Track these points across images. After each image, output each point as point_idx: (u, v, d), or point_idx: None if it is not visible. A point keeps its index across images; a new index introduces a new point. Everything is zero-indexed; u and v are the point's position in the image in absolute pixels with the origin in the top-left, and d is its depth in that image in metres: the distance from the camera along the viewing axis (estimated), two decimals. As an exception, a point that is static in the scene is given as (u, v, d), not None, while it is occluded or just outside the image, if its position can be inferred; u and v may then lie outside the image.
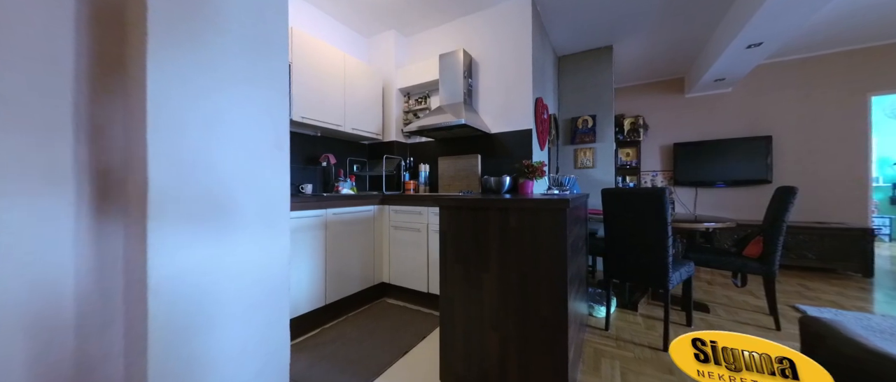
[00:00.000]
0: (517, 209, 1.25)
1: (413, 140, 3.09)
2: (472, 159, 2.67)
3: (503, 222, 1.28)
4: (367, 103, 2.76)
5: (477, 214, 1.35)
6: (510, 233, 1.26)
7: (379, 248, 2.50)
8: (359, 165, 3.05)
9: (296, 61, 2.13)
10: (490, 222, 1.31)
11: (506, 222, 1.27)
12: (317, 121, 2.29)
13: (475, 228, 1.35)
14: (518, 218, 1.25)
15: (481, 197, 1.43)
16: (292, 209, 1.84)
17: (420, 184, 2.85)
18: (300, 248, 1.89)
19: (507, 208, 1.27)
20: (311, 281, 1.96)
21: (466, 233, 1.38)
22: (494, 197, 1.42)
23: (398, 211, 2.43)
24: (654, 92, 4.53)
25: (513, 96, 2.52)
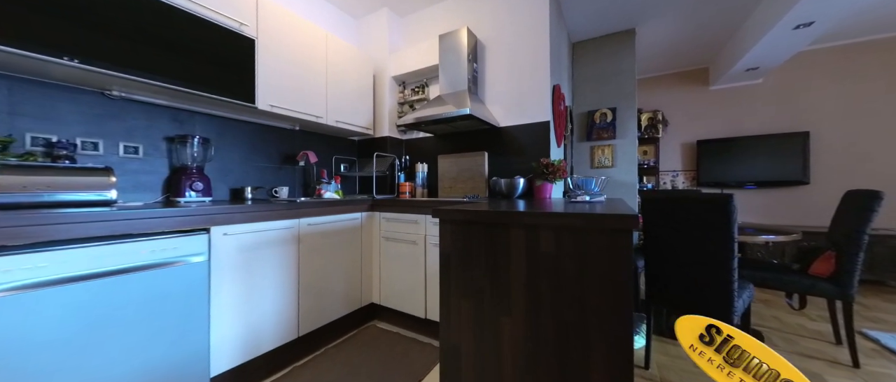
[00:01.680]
0: (555, 227, 0.86)
1: (409, 135, 2.70)
2: (478, 157, 2.28)
3: (532, 244, 0.89)
4: (355, 92, 2.37)
5: (494, 232, 0.96)
6: (544, 262, 0.87)
7: (368, 263, 2.10)
8: (347, 165, 2.66)
9: (262, 37, 1.73)
10: (513, 244, 0.92)
11: (536, 244, 0.88)
12: (291, 111, 1.89)
13: (491, 251, 0.96)
14: (556, 240, 0.85)
15: (499, 210, 1.03)
16: (247, 219, 1.43)
17: (417, 186, 2.46)
18: (261, 269, 1.50)
19: (538, 225, 0.88)
20: (279, 309, 1.57)
21: (478, 258, 0.99)
22: (519, 210, 1.02)
23: (390, 219, 2.03)
24: (674, 84, 4.14)
25: (526, 83, 2.13)
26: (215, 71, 1.53)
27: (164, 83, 1.37)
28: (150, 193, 1.57)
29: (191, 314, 1.24)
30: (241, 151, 1.95)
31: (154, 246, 1.14)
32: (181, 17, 1.41)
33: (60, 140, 1.28)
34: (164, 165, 1.63)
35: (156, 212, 1.14)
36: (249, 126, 1.98)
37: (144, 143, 1.56)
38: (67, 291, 0.96)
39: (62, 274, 0.96)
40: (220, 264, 1.34)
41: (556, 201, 1.59)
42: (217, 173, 1.83)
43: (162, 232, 1.17)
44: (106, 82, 1.34)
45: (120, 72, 1.25)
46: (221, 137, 1.85)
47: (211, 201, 1.67)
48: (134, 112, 1.52)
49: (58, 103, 1.32)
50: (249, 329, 1.44)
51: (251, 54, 1.68)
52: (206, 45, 1.50)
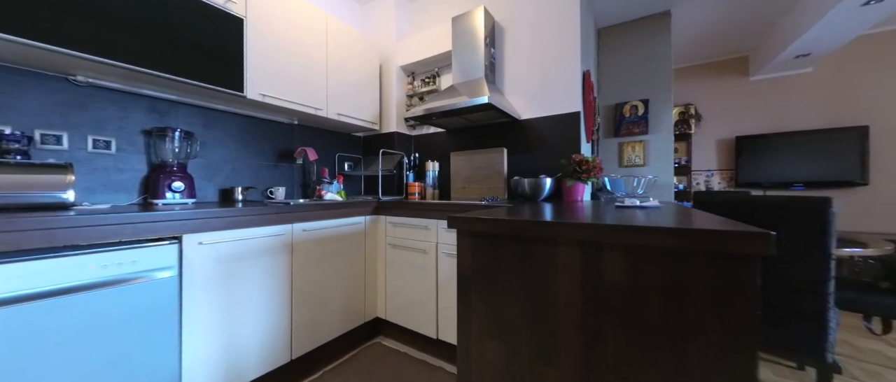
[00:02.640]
0: (630, 246, 0.60)
1: (419, 131, 2.46)
2: (495, 154, 2.02)
3: (592, 269, 0.63)
4: (359, 83, 2.14)
5: (534, 251, 0.71)
6: (609, 295, 0.61)
7: (372, 273, 1.87)
8: (351, 163, 2.44)
9: (252, 16, 1.52)
10: (563, 268, 0.66)
11: (596, 270, 0.63)
12: (285, 101, 1.68)
13: (529, 276, 0.71)
14: (630, 265, 0.60)
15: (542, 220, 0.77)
16: (227, 225, 1.19)
17: (427, 186, 2.22)
18: (246, 284, 1.28)
19: (601, 243, 0.62)
20: (267, 330, 1.35)
21: (510, 285, 0.74)
22: (571, 222, 0.76)
23: (397, 224, 1.80)
24: (708, 75, 3.78)
25: (552, 69, 1.86)
26: (196, 54, 1.33)
27: (133, 66, 1.17)
28: (124, 194, 1.38)
29: (156, 341, 1.03)
30: (232, 147, 1.75)
31: (105, 259, 0.93)
32: (153, -12, 1.20)
33: (13, 132, 1.09)
34: (142, 162, 1.43)
35: (105, 218, 0.93)
36: (240, 119, 1.78)
37: (117, 137, 1.36)
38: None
39: (-22, 297, 0.75)
40: (195, 279, 1.13)
41: (595, 206, 1.32)
42: (203, 171, 1.63)
43: (119, 242, 0.96)
44: (68, 65, 1.15)
45: (81, 51, 1.05)
46: (208, 131, 1.65)
47: (194, 203, 1.46)
48: (104, 101, 1.33)
49: (14, 89, 1.13)
50: (231, 354, 1.23)
51: (239, 36, 1.47)
52: (187, 24, 1.29)
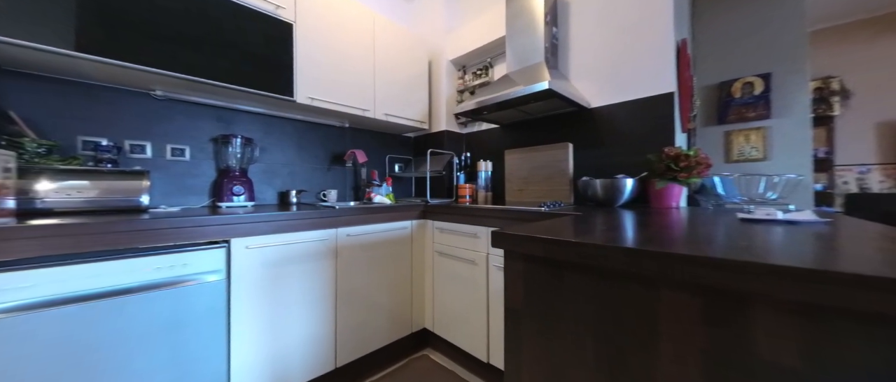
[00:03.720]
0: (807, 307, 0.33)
1: (470, 128, 2.29)
2: (558, 151, 1.73)
3: (726, 336, 0.37)
4: (408, 81, 2.06)
5: (615, 289, 0.47)
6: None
7: (419, 281, 1.76)
8: (402, 164, 2.39)
9: (300, 20, 1.53)
10: (668, 326, 0.42)
11: (734, 336, 0.37)
12: (333, 104, 1.67)
13: (612, 323, 0.48)
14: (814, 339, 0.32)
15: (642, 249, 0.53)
16: (273, 230, 1.17)
17: (479, 188, 2.03)
18: (291, 289, 1.26)
19: (748, 295, 0.36)
20: (313, 336, 1.32)
21: (577, 333, 0.51)
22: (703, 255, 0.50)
23: (445, 230, 1.65)
24: (861, 36, 2.81)
25: (634, 43, 1.50)
26: (250, 62, 1.37)
27: (197, 78, 1.23)
28: (197, 197, 1.50)
29: (205, 343, 1.05)
30: (288, 152, 1.81)
31: (159, 261, 0.96)
32: (212, 2, 1.26)
33: (107, 143, 1.24)
34: (211, 167, 1.55)
35: (158, 222, 0.96)
36: (295, 124, 1.83)
37: (191, 145, 1.49)
38: (62, 314, 0.82)
39: (56, 294, 0.81)
40: (242, 283, 1.14)
41: (704, 218, 0.98)
42: (263, 175, 1.72)
43: (173, 245, 1.00)
44: (148, 81, 1.27)
45: (154, 67, 1.14)
46: (267, 136, 1.73)
47: (253, 206, 1.53)
48: (178, 112, 1.46)
49: (107, 105, 1.29)
50: (277, 359, 1.22)
51: (289, 41, 1.48)
52: (239, 33, 1.34)
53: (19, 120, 1.09)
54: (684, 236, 0.59)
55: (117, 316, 0.89)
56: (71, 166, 1.11)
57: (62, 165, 1.10)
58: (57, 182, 1.04)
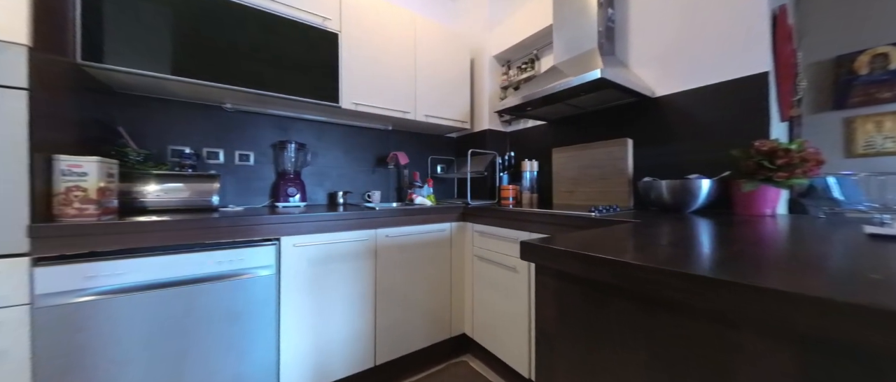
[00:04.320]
0: None
1: (515, 126, 2.17)
2: (614, 148, 1.54)
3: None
4: (449, 81, 2.03)
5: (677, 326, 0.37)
6: None
7: (459, 284, 1.72)
8: (444, 165, 2.37)
9: (346, 29, 1.60)
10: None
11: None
12: (374, 107, 1.71)
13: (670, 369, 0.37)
14: None
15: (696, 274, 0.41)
16: (317, 229, 1.24)
17: (524, 189, 1.91)
18: (333, 286, 1.32)
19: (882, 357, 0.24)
20: (353, 333, 1.37)
21: (624, 374, 0.41)
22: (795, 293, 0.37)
23: (484, 234, 1.58)
24: None
25: (712, 16, 1.25)
26: (301, 73, 1.47)
27: (256, 90, 1.36)
28: (260, 198, 1.67)
29: (259, 331, 1.14)
30: (337, 155, 1.92)
31: (220, 256, 1.07)
32: (266, 20, 1.38)
33: (189, 151, 1.44)
34: (271, 171, 1.71)
35: (219, 220, 1.07)
36: (343, 128, 1.93)
37: (255, 151, 1.66)
38: (144, 298, 0.96)
39: (140, 280, 0.96)
40: (291, 278, 1.22)
41: (814, 232, 0.77)
42: (315, 178, 1.84)
43: (232, 241, 1.11)
44: (220, 95, 1.44)
45: (225, 83, 1.29)
46: (319, 142, 1.85)
47: (306, 206, 1.65)
48: (245, 122, 1.63)
49: (188, 118, 1.50)
50: (320, 352, 1.28)
51: (335, 50, 1.56)
52: (291, 47, 1.44)
53: (125, 134, 1.31)
54: (782, 257, 0.44)
55: (187, 302, 1.02)
56: (161, 171, 1.30)
57: (155, 171, 1.29)
58: (151, 184, 1.24)
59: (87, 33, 1.06)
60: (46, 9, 0.91)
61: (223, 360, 1.07)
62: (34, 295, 0.83)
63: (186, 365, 1.02)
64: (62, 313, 0.86)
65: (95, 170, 0.98)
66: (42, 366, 0.84)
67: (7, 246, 0.82)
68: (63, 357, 0.86)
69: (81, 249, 0.89)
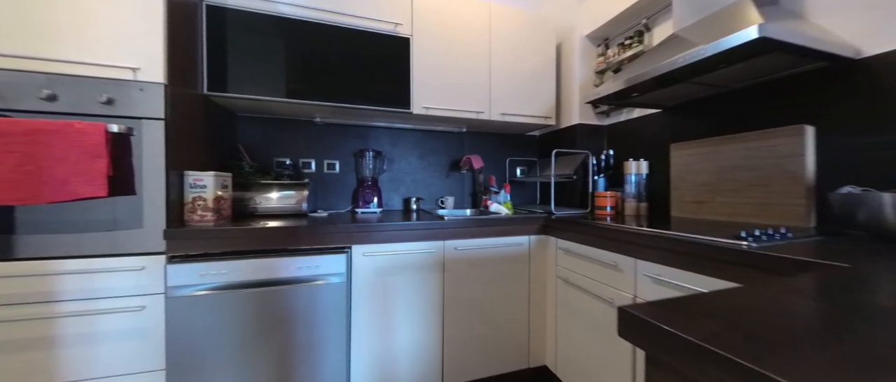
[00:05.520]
0: None
1: (615, 118, 1.77)
2: (781, 140, 1.04)
3: None
4: (530, 72, 1.78)
5: None
6: None
7: (539, 309, 1.48)
8: (525, 168, 2.13)
9: (417, 32, 1.55)
10: None
11: None
12: (445, 110, 1.61)
13: None
14: None
15: None
16: (384, 239, 1.21)
17: (627, 197, 1.52)
18: (400, 298, 1.27)
19: None
20: (420, 349, 1.30)
21: None
22: None
23: (571, 252, 1.30)
24: None
25: None
26: (375, 82, 1.49)
27: (338, 103, 1.43)
28: (344, 204, 1.78)
29: (331, 337, 1.18)
30: (411, 160, 1.91)
31: (299, 261, 1.14)
32: (346, 36, 1.43)
33: (288, 162, 1.63)
34: (353, 178, 1.81)
35: (296, 230, 1.14)
36: (418, 134, 1.91)
37: (340, 160, 1.78)
38: (240, 295, 1.08)
39: (238, 279, 1.08)
40: (360, 287, 1.23)
41: None
42: (391, 184, 1.87)
43: (309, 248, 1.17)
44: (312, 111, 1.57)
45: (316, 100, 1.40)
46: (393, 148, 1.87)
47: (382, 212, 1.68)
48: (331, 133, 1.76)
49: (286, 133, 1.69)
50: (387, 364, 1.26)
51: (406, 55, 1.53)
52: (367, 58, 1.47)
53: (243, 150, 1.55)
54: None
55: (272, 302, 1.11)
56: (266, 181, 1.50)
57: (262, 180, 1.49)
58: (258, 193, 1.43)
59: (212, 68, 1.28)
60: (179, 50, 1.11)
61: (298, 361, 1.14)
62: (167, 287, 1.02)
63: (268, 360, 1.11)
64: (185, 303, 1.03)
65: (212, 182, 1.15)
66: (172, 343, 1.02)
67: (152, 246, 1.02)
68: (187, 337, 1.03)
69: (198, 250, 1.06)
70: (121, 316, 0.99)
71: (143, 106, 1.01)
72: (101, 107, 0.97)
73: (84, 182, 0.92)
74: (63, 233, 0.95)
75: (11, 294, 0.91)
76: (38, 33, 0.92)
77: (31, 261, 0.92)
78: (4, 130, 0.86)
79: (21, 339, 0.92)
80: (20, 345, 0.92)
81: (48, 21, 0.93)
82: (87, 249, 0.97)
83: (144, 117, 1.01)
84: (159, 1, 1.02)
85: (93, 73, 0.96)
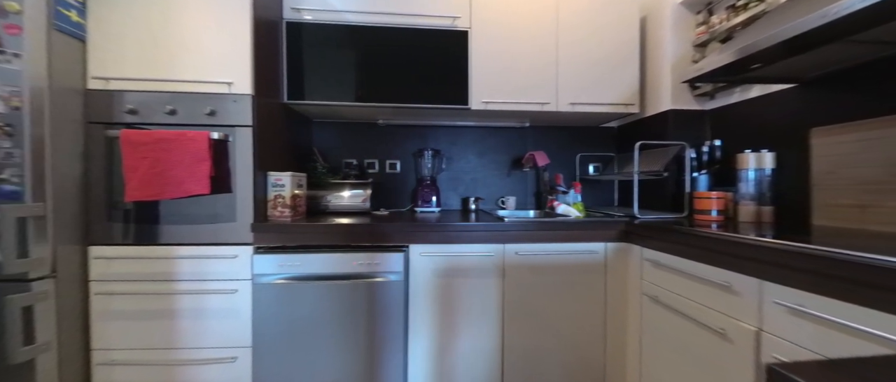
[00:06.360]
0: None
1: (723, 100, 1.43)
2: None
3: None
4: (605, 53, 1.55)
5: None
6: None
7: (617, 327, 1.27)
8: (600, 164, 1.88)
9: (476, 23, 1.47)
10: None
11: None
12: (505, 103, 1.50)
13: None
14: None
15: None
16: (441, 239, 1.19)
17: (741, 198, 1.20)
18: (458, 302, 1.22)
19: None
20: (478, 358, 1.23)
21: None
22: None
23: (662, 265, 1.08)
24: None
25: None
26: (432, 80, 1.47)
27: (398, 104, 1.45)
28: (404, 202, 1.82)
29: (389, 332, 1.19)
30: (470, 158, 1.85)
31: (360, 257, 1.17)
32: (406, 37, 1.44)
33: (355, 162, 1.72)
34: (413, 178, 1.83)
35: (356, 227, 1.18)
36: (475, 131, 1.84)
37: (401, 159, 1.82)
38: (310, 286, 1.16)
39: (308, 271, 1.16)
40: (417, 286, 1.22)
41: None
42: (449, 183, 1.84)
43: (369, 245, 1.20)
44: (375, 114, 1.63)
45: (380, 103, 1.44)
46: (452, 147, 1.83)
47: (440, 212, 1.66)
48: (393, 135, 1.81)
49: (353, 136, 1.79)
50: (444, 369, 1.22)
51: (464, 49, 1.47)
52: (426, 56, 1.46)
53: (317, 152, 1.69)
54: None
55: (337, 294, 1.16)
56: (336, 180, 1.60)
57: (333, 180, 1.61)
58: (329, 192, 1.54)
59: (291, 78, 1.41)
60: (263, 65, 1.25)
61: (360, 353, 1.17)
62: (253, 274, 1.15)
63: (332, 349, 1.16)
64: (266, 290, 1.15)
65: (289, 182, 1.27)
66: (257, 324, 1.15)
67: (242, 238, 1.16)
68: (267, 320, 1.15)
69: (277, 243, 1.17)
70: (219, 297, 1.15)
71: (235, 115, 1.16)
72: (206, 118, 1.14)
73: (194, 181, 1.10)
74: (181, 224, 1.15)
75: (147, 272, 1.13)
76: (164, 61, 1.13)
77: (162, 247, 1.13)
78: (141, 140, 1.07)
79: (151, 310, 1.13)
80: (149, 314, 1.13)
81: (170, 51, 1.13)
82: (197, 238, 1.15)
83: (237, 125, 1.16)
84: (247, 22, 1.15)
85: (200, 90, 1.14)
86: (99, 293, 1.11)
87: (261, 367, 1.15)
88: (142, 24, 1.12)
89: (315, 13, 1.40)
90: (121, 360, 1.13)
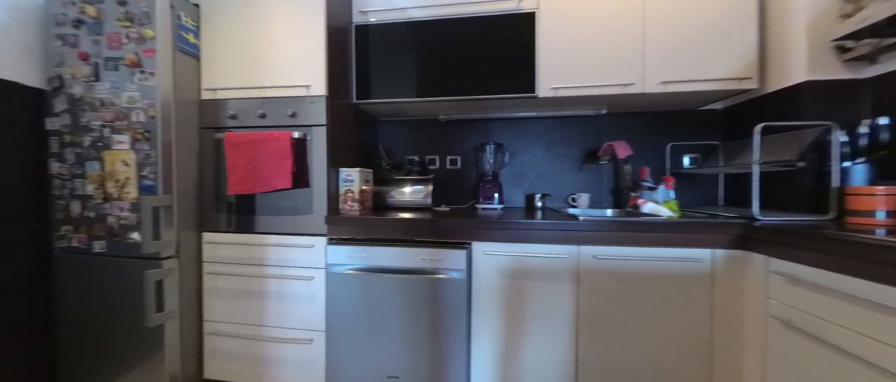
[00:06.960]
0: None
1: (887, 65, 1.05)
2: None
3: None
4: (708, 18, 1.28)
5: None
6: None
7: (730, 354, 1.03)
8: (697, 156, 1.58)
9: (545, 4, 1.35)
10: None
11: None
12: (579, 88, 1.34)
13: None
14: None
15: None
16: (506, 238, 1.12)
17: (931, 195, 0.86)
18: (525, 307, 1.13)
19: None
20: (547, 367, 1.13)
21: None
22: None
23: (802, 281, 0.83)
24: None
25: None
26: (496, 69, 1.39)
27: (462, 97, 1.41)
28: (465, 198, 1.77)
29: (452, 331, 1.15)
30: (536, 152, 1.72)
31: (424, 253, 1.16)
32: (468, 26, 1.39)
33: (416, 159, 1.74)
34: (474, 173, 1.77)
35: (420, 223, 1.17)
36: (544, 122, 1.70)
37: (461, 155, 1.78)
38: (379, 278, 1.19)
39: (375, 264, 1.19)
40: (480, 286, 1.16)
41: None
42: (513, 179, 1.74)
43: (432, 241, 1.18)
44: (437, 109, 1.62)
45: (443, 96, 1.43)
46: (516, 140, 1.73)
47: (502, 209, 1.58)
48: (454, 130, 1.78)
49: (412, 133, 1.81)
50: (509, 378, 1.14)
51: (530, 33, 1.36)
52: (489, 45, 1.39)
53: (382, 149, 1.75)
54: None
55: (401, 288, 1.17)
56: (399, 176, 1.64)
57: (397, 176, 1.64)
58: (393, 187, 1.57)
59: (360, 79, 1.48)
60: (335, 68, 1.32)
61: (423, 348, 1.16)
62: (327, 263, 1.22)
63: (397, 342, 1.17)
64: (338, 279, 1.21)
65: (358, 177, 1.32)
66: (330, 310, 1.22)
67: (318, 229, 1.24)
68: (338, 308, 1.22)
69: (346, 235, 1.23)
70: (299, 283, 1.25)
71: (312, 116, 1.24)
72: (288, 119, 1.25)
73: (278, 177, 1.21)
74: (271, 215, 1.28)
75: (244, 256, 1.28)
76: (257, 70, 1.27)
77: (255, 235, 1.28)
78: (239, 142, 1.21)
79: (247, 290, 1.28)
80: (246, 294, 1.28)
81: (261, 61, 1.27)
82: (282, 228, 1.27)
83: (313, 125, 1.24)
84: (321, 29, 1.23)
85: (283, 94, 1.25)
86: (209, 272, 1.31)
87: (333, 351, 1.22)
88: (240, 41, 1.27)
89: (379, 14, 1.44)
90: (224, 332, 1.30)
